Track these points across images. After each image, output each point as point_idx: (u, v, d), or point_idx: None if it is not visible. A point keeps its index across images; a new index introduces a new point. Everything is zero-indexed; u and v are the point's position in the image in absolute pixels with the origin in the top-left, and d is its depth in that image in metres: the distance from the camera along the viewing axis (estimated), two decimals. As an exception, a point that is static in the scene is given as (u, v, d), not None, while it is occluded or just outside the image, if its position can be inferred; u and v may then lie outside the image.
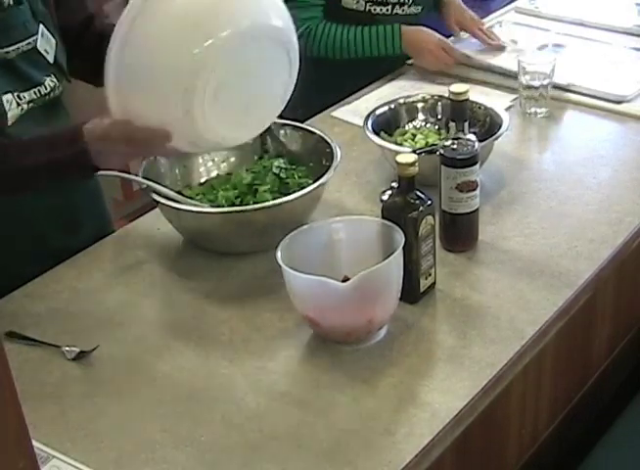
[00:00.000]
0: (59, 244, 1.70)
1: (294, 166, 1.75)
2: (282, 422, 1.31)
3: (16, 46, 1.59)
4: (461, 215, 1.61)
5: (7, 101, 1.57)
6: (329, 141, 1.73)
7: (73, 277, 1.63)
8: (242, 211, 1.59)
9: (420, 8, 2.29)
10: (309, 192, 1.60)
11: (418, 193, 1.46)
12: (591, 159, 1.91)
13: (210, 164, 1.80)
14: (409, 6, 2.27)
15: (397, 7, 2.25)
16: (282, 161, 1.75)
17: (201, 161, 1.79)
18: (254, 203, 1.64)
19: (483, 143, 1.69)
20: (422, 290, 1.51)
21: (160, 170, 1.72)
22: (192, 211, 1.63)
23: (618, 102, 2.09)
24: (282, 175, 1.72)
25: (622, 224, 1.69)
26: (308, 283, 1.37)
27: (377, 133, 1.84)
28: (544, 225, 1.70)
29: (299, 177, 1.73)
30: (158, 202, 1.64)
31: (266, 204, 1.60)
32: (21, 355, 1.42)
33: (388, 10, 2.24)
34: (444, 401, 1.32)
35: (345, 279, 1.39)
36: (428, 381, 1.37)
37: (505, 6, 2.68)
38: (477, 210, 1.62)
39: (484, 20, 2.57)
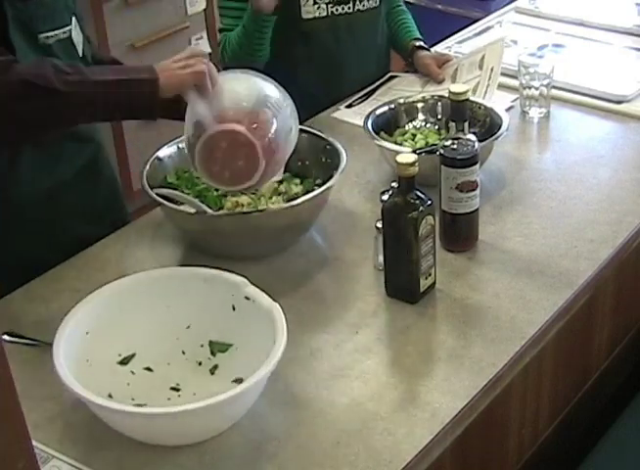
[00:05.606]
0: (81, 233, 1.73)
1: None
2: (282, 422, 1.31)
3: (54, 32, 1.61)
4: (461, 215, 1.61)
5: None
6: (331, 141, 1.72)
7: (73, 277, 1.62)
8: (246, 212, 1.59)
9: (378, 1, 2.21)
10: (316, 196, 1.59)
11: (418, 193, 1.46)
12: (591, 159, 1.91)
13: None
14: (368, 0, 2.20)
15: (358, 2, 2.18)
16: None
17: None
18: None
19: (483, 143, 1.69)
20: (422, 290, 1.51)
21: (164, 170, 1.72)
22: (195, 214, 1.61)
23: (618, 102, 2.09)
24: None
25: (622, 224, 1.69)
26: None
27: (377, 133, 1.84)
28: (544, 225, 1.70)
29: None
30: (160, 203, 1.61)
31: (273, 207, 1.59)
32: (20, 355, 1.42)
33: (350, 8, 2.17)
34: (444, 401, 1.32)
35: None
36: (428, 381, 1.37)
37: (505, 6, 2.68)
38: (477, 210, 1.62)
39: (484, 20, 2.57)
